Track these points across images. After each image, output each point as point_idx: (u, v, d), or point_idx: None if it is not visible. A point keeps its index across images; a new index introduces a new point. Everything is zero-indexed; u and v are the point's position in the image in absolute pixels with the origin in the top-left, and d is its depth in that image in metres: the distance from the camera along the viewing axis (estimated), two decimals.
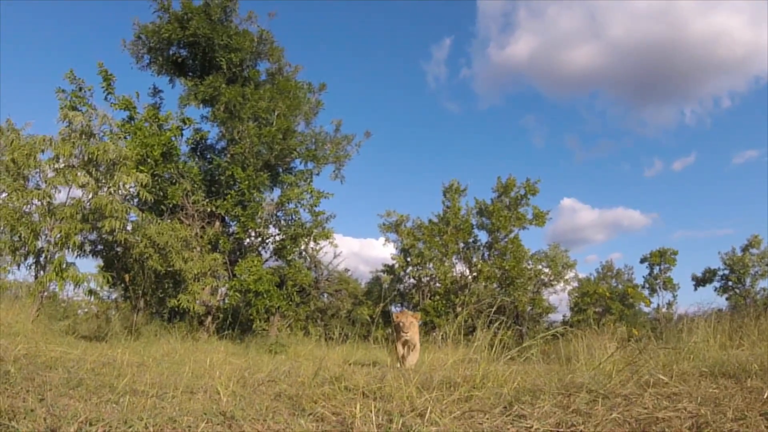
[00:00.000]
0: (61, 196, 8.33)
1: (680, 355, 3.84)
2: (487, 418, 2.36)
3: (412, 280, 18.73)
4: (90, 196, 8.24)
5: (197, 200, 11.83)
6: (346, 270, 19.72)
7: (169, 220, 10.80)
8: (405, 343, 5.92)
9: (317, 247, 14.01)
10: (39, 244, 7.97)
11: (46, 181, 8.29)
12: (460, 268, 18.39)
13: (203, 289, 10.17)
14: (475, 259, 18.37)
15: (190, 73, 13.81)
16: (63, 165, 8.24)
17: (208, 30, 12.79)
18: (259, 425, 2.27)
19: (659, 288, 24.41)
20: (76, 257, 8.89)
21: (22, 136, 8.60)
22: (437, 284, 17.63)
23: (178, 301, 9.70)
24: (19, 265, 8.11)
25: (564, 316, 20.31)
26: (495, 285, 17.58)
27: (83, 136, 8.41)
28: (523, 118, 59.24)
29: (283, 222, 12.96)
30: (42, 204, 8.14)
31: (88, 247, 9.51)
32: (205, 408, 2.53)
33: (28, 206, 8.15)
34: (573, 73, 59.51)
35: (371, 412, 2.31)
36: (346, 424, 2.28)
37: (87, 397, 2.70)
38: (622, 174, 55.79)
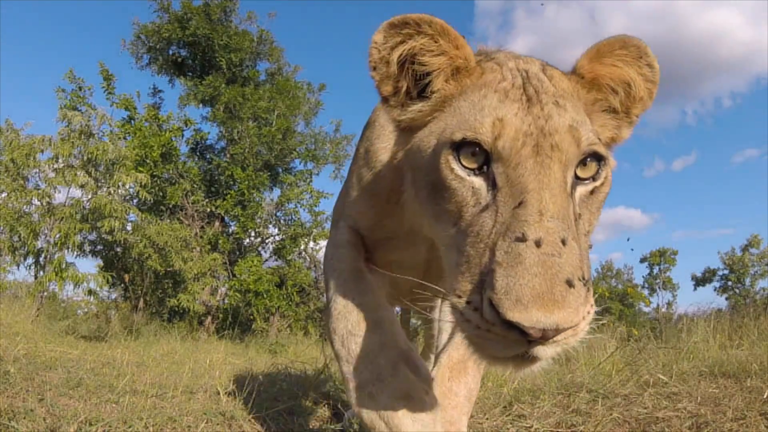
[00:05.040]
0: (60, 196, 8.34)
1: (680, 355, 3.84)
2: (487, 418, 2.36)
3: None
4: (89, 196, 8.24)
5: (197, 200, 11.83)
6: None
7: (168, 221, 10.80)
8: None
9: (317, 247, 14.03)
10: (38, 244, 7.97)
11: (45, 181, 8.29)
12: None
13: (203, 289, 10.16)
14: None
15: (190, 73, 13.82)
16: (62, 165, 8.24)
17: (208, 30, 12.79)
18: (259, 425, 2.27)
19: (659, 288, 24.39)
20: (76, 257, 8.91)
21: (21, 136, 8.59)
22: None
23: (178, 300, 9.69)
24: (18, 265, 8.13)
25: None
26: None
27: (82, 136, 8.41)
28: None
29: (282, 222, 12.98)
30: (41, 204, 8.13)
31: (87, 247, 9.53)
32: (205, 408, 2.52)
33: (28, 206, 8.15)
34: None
35: None
36: (346, 424, 2.28)
37: (87, 397, 2.69)
38: (622, 174, 55.84)
